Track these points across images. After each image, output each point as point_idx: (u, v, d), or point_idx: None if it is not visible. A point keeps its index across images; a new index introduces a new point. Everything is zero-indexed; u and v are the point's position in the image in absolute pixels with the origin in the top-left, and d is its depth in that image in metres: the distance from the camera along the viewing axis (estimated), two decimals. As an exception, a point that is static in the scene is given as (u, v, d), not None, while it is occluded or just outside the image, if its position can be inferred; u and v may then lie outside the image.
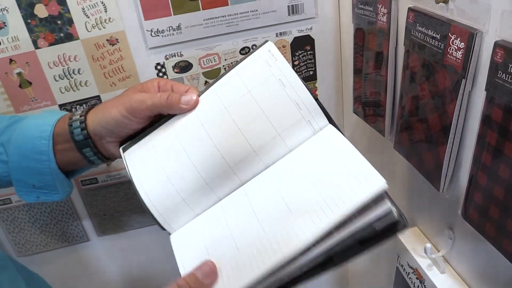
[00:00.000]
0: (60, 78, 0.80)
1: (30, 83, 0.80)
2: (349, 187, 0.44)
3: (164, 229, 0.53)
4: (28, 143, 0.56)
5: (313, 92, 0.52)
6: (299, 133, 0.52)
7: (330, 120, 0.53)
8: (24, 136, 0.56)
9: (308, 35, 0.84)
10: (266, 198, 0.49)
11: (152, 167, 0.53)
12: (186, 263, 0.49)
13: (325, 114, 0.52)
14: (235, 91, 0.53)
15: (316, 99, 0.52)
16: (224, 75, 0.55)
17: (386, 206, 0.41)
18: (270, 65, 0.52)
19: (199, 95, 0.54)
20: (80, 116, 0.56)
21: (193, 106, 0.53)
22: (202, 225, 0.52)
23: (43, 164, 0.56)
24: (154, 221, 0.53)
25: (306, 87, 0.51)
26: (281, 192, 0.48)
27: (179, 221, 0.53)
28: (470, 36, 0.45)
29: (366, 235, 0.41)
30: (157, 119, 0.56)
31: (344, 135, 0.50)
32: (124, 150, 0.56)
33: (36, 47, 0.77)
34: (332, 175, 0.46)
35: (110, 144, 0.57)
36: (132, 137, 0.57)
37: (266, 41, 0.55)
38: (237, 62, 0.55)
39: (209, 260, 0.47)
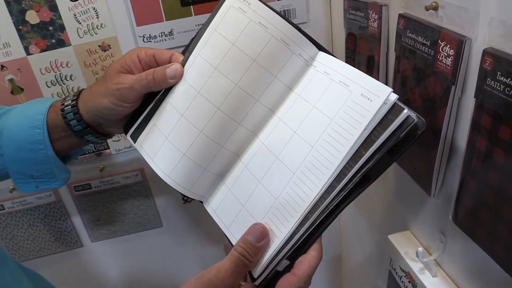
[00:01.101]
0: (52, 84, 0.80)
1: (22, 90, 0.80)
2: (359, 106, 0.45)
3: (200, 201, 0.56)
4: (21, 134, 0.56)
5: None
6: (294, 68, 0.51)
7: (320, 47, 0.52)
8: (16, 128, 0.56)
9: (300, 40, 0.85)
10: (283, 142, 0.50)
11: (166, 149, 0.54)
12: (226, 222, 0.53)
13: (312, 43, 0.52)
14: (219, 49, 0.51)
15: (300, 30, 0.50)
16: (201, 36, 0.53)
17: (403, 112, 0.43)
18: (245, 11, 0.50)
19: (183, 63, 0.54)
20: (72, 107, 0.56)
21: (179, 77, 0.53)
22: (230, 185, 0.54)
23: (40, 153, 0.57)
24: (185, 196, 0.55)
25: (288, 21, 0.50)
26: (297, 132, 0.49)
27: (210, 189, 0.56)
28: (459, 43, 0.45)
29: (392, 145, 0.44)
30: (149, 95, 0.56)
31: (337, 58, 0.50)
32: (133, 139, 0.57)
33: (28, 53, 0.77)
34: (338, 101, 0.47)
35: (110, 128, 0.59)
36: (133, 117, 0.58)
37: None
38: (209, 19, 0.53)
39: (258, 222, 0.50)
